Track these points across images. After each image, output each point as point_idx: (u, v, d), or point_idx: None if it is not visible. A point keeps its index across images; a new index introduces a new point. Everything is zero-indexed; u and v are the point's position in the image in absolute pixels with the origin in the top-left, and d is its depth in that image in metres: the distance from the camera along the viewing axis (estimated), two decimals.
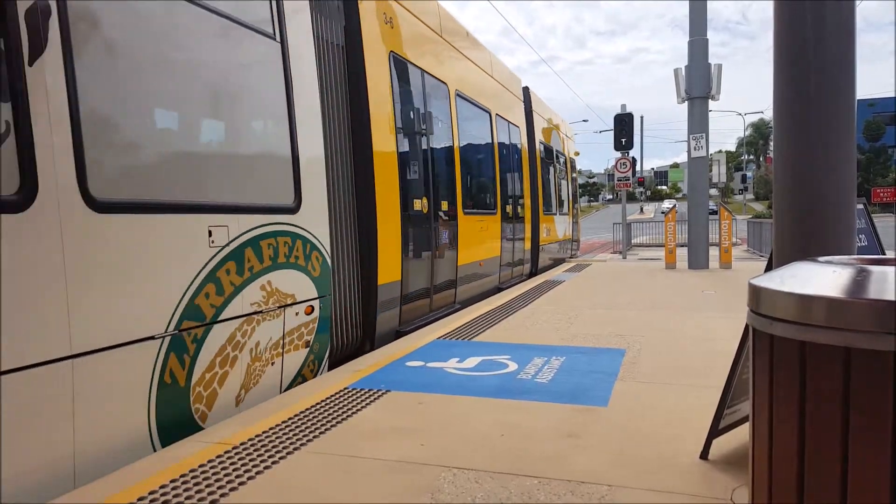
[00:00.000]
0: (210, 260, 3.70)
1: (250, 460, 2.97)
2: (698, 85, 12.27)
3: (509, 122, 10.96)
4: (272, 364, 4.30)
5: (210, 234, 3.71)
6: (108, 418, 3.03)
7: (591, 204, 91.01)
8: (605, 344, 5.49)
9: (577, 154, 18.57)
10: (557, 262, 14.86)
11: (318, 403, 3.86)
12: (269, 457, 3.02)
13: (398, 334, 6.26)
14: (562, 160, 15.84)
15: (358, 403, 3.86)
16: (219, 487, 2.68)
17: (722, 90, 12.36)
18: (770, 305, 1.67)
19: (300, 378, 4.65)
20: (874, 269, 1.60)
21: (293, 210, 4.55)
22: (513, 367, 4.70)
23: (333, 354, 5.26)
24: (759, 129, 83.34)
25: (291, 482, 2.75)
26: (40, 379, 2.68)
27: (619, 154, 16.58)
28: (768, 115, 74.01)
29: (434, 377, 4.46)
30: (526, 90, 12.69)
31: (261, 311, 4.15)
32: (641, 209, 68.83)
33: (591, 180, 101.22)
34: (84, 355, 2.88)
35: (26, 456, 2.64)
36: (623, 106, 16.44)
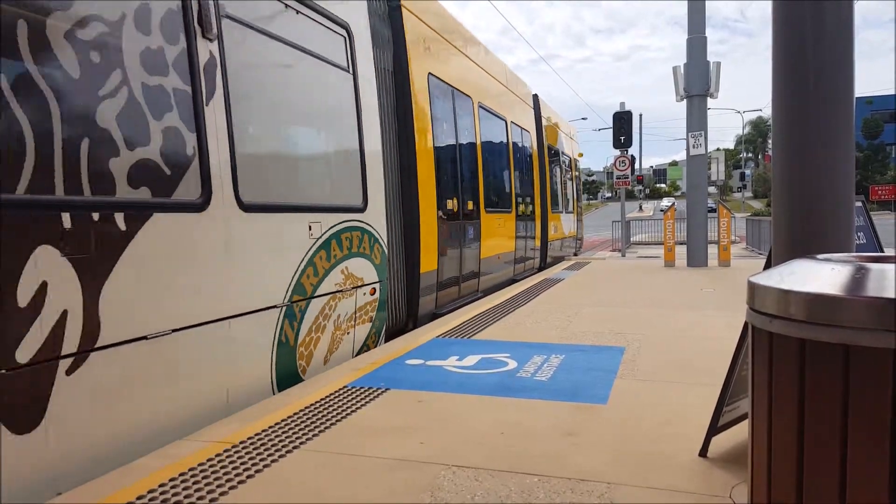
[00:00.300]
0: (310, 248, 4.74)
1: (249, 459, 2.98)
2: (697, 83, 12.27)
3: (522, 127, 11.88)
4: (348, 333, 5.31)
5: (310, 228, 4.75)
6: (248, 365, 4.02)
7: (590, 202, 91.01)
8: (604, 342, 5.49)
9: (580, 155, 19.41)
10: (563, 257, 15.71)
11: (317, 401, 3.87)
12: (269, 455, 3.02)
13: (434, 316, 7.23)
14: (567, 161, 16.71)
15: (358, 401, 3.86)
16: (218, 486, 2.68)
17: (721, 88, 12.36)
18: (769, 303, 1.67)
19: (365, 347, 5.61)
20: (873, 266, 1.60)
21: (362, 210, 5.57)
22: (512, 365, 4.70)
23: (388, 330, 6.22)
24: (758, 126, 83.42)
25: (291, 481, 2.75)
26: (209, 333, 3.66)
27: (618, 152, 16.59)
28: (767, 112, 74.17)
29: (434, 375, 4.46)
30: (535, 97, 13.61)
31: (341, 291, 5.18)
32: (640, 207, 68.88)
33: (591, 178, 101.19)
34: (238, 317, 3.90)
35: (208, 384, 3.68)
36: (622, 104, 16.45)
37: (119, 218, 3.07)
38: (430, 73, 7.35)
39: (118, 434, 3.07)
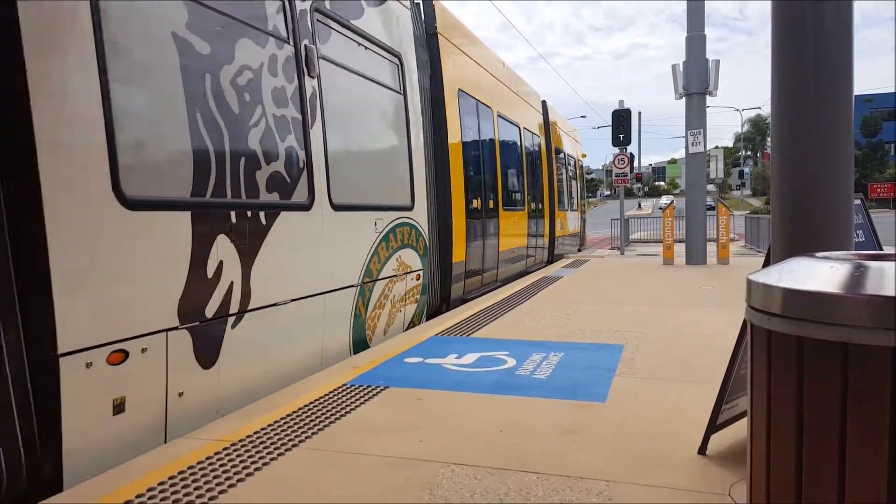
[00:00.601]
0: (375, 240, 5.87)
1: (248, 457, 2.97)
2: (696, 81, 12.27)
3: (532, 132, 12.99)
4: (400, 311, 6.51)
5: (375, 223, 5.88)
6: (334, 331, 5.14)
7: (589, 200, 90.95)
8: (603, 340, 5.49)
9: (583, 156, 20.60)
10: (569, 251, 16.99)
11: (316, 400, 3.87)
12: (268, 453, 3.02)
13: (463, 300, 8.31)
14: (572, 163, 17.80)
15: (356, 400, 3.86)
16: (217, 484, 2.68)
17: (719, 86, 12.36)
18: (768, 301, 1.67)
19: (412, 323, 6.80)
20: (872, 264, 1.60)
21: (410, 208, 6.71)
22: (511, 363, 4.71)
23: (427, 311, 7.37)
24: (757, 124, 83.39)
25: (289, 479, 2.75)
26: (313, 304, 4.77)
27: (616, 150, 16.57)
28: (766, 110, 74.17)
29: (432, 373, 4.46)
30: (544, 103, 14.66)
31: (396, 276, 6.33)
32: (639, 205, 68.88)
33: (589, 176, 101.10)
34: (330, 292, 5.02)
35: (312, 343, 4.81)
36: (621, 102, 16.43)
37: (262, 215, 4.14)
38: (459, 88, 8.43)
39: (258, 374, 4.14)
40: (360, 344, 5.51)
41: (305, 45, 4.77)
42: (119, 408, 3.08)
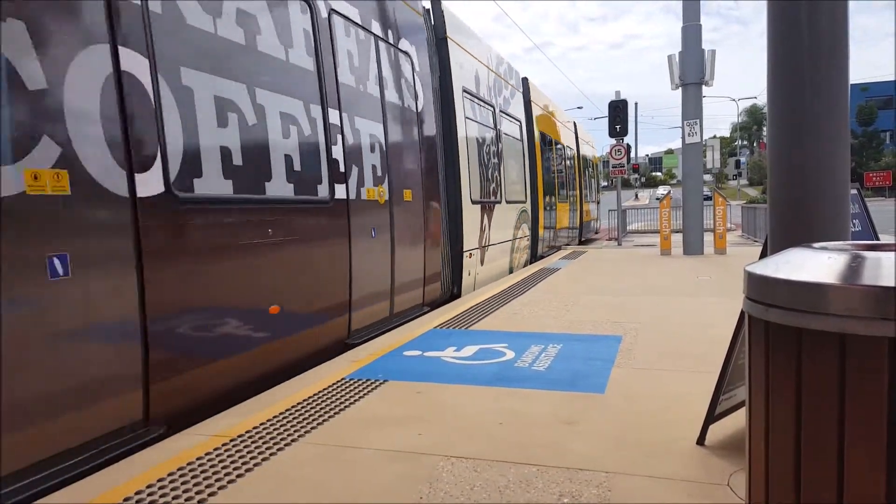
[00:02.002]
0: (516, 218, 11.17)
1: (248, 452, 2.98)
2: (692, 71, 12.24)
3: (566, 146, 17.40)
4: (524, 256, 11.93)
5: (518, 211, 11.27)
6: (505, 260, 10.45)
7: None
8: (601, 331, 5.50)
9: (597, 160, 26.00)
10: (593, 233, 22.68)
11: (315, 394, 3.87)
12: (267, 448, 3.02)
13: (540, 257, 13.29)
14: (591, 164, 22.98)
15: (356, 393, 3.87)
16: (217, 480, 2.69)
17: (716, 75, 12.33)
18: (765, 292, 1.67)
19: (527, 263, 12.12)
20: (869, 254, 1.60)
21: (524, 202, 11.84)
22: (510, 355, 4.71)
23: (529, 260, 12.49)
24: (753, 114, 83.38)
25: (289, 474, 2.75)
26: (503, 245, 10.36)
27: (613, 141, 16.56)
28: (762, 100, 74.06)
29: (431, 366, 4.47)
30: (575, 124, 19.83)
31: (522, 237, 11.62)
32: (636, 196, 68.87)
33: None
34: (506, 242, 10.48)
35: (504, 263, 10.55)
36: (617, 92, 16.40)
37: (490, 204, 9.26)
38: (542, 130, 14.01)
39: (492, 271, 9.33)
40: (511, 269, 10.98)
41: (525, 119, 10.66)
42: (488, 269, 9.20)
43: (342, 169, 5.22)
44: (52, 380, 2.76)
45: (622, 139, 16.39)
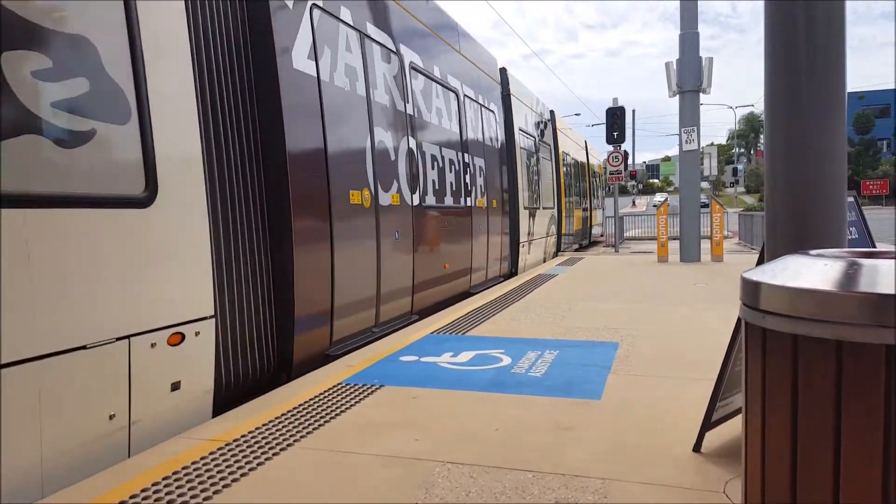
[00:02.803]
0: (549, 220, 14.44)
1: (243, 457, 2.97)
2: (689, 78, 12.30)
3: (580, 162, 20.64)
4: (552, 249, 15.04)
5: (550, 214, 14.58)
6: (541, 251, 13.73)
7: None
8: (598, 337, 5.50)
9: (602, 170, 27.68)
10: (600, 235, 25.28)
11: (311, 399, 3.86)
12: (262, 453, 3.01)
13: (561, 251, 16.16)
14: (597, 174, 25.15)
15: (352, 398, 3.86)
16: (212, 485, 2.67)
17: (713, 83, 12.39)
18: (762, 299, 1.67)
19: (553, 255, 15.18)
20: (865, 262, 1.60)
21: (553, 207, 15.07)
22: (507, 361, 4.71)
23: (554, 254, 15.34)
24: (750, 122, 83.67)
25: (284, 478, 2.74)
26: (543, 240, 13.86)
27: (610, 147, 16.59)
28: (759, 108, 74.29)
29: (428, 372, 4.46)
30: (586, 142, 22.89)
31: (551, 235, 14.84)
32: (633, 202, 68.95)
33: None
34: (536, 239, 13.05)
35: (543, 252, 14.14)
36: (615, 99, 16.45)
37: (531, 210, 12.36)
38: (564, 152, 17.34)
39: (533, 262, 12.70)
40: (544, 258, 13.83)
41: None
42: (532, 257, 12.82)
43: (469, 188, 8.85)
44: (392, 284, 6.18)
45: (619, 146, 16.43)
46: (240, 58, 4.29)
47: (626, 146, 18.10)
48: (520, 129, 11.89)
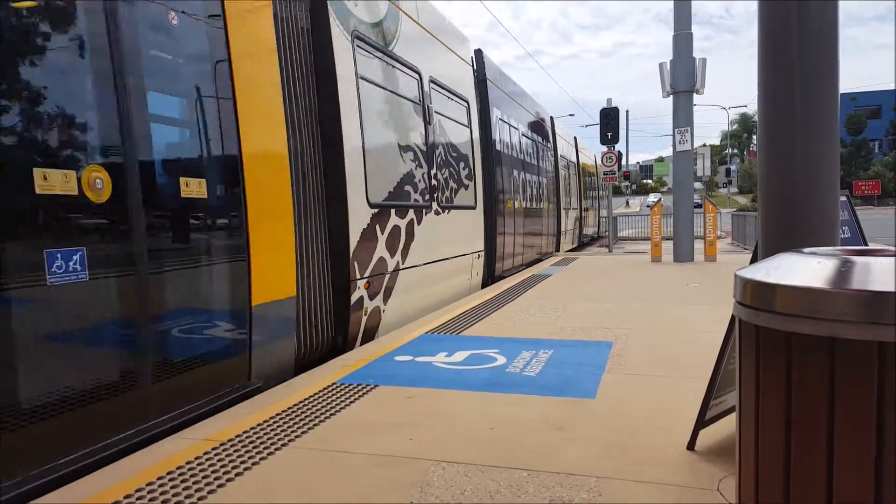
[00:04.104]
0: (575, 217, 20.76)
1: (238, 456, 2.96)
2: (683, 79, 12.33)
3: (591, 172, 25.22)
4: (576, 241, 21.00)
5: (575, 213, 20.81)
6: (570, 239, 19.60)
7: None
8: (592, 337, 5.51)
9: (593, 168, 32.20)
10: (604, 231, 27.59)
11: (306, 399, 3.85)
12: (257, 453, 3.00)
13: (581, 242, 22.54)
14: (597, 178, 27.87)
15: (346, 398, 3.85)
16: (206, 484, 2.67)
17: (706, 84, 12.42)
18: (755, 296, 1.68)
19: (576, 243, 21.27)
20: (858, 259, 1.61)
21: (577, 208, 21.23)
22: (501, 360, 4.71)
23: (577, 242, 21.40)
24: (744, 122, 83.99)
25: (278, 478, 2.74)
26: (571, 232, 19.92)
27: (604, 148, 16.64)
28: (752, 108, 74.58)
29: (423, 371, 4.46)
30: (595, 157, 25.45)
31: (576, 228, 20.98)
32: (627, 203, 69.12)
33: None
34: (573, 229, 20.28)
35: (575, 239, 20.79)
36: (609, 100, 16.50)
37: (566, 209, 18.45)
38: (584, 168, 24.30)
39: (567, 246, 18.73)
40: (572, 243, 19.77)
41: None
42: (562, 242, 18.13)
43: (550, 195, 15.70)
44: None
45: (613, 146, 16.47)
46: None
47: (620, 146, 18.49)
48: (560, 155, 17.85)
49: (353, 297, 5.58)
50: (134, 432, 3.16)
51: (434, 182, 7.73)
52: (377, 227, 6.05)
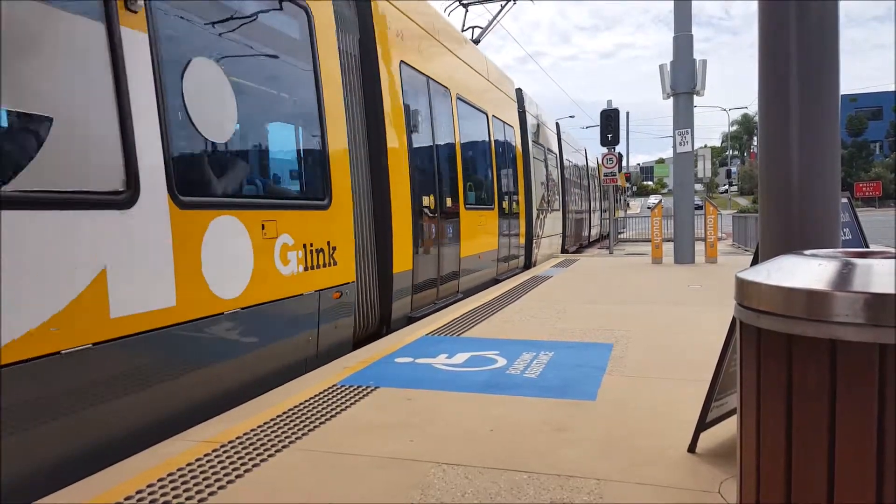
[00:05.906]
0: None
1: (238, 458, 2.96)
2: (683, 80, 12.33)
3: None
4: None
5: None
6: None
7: None
8: (592, 338, 5.51)
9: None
10: (608, 230, 28.56)
11: (306, 400, 3.85)
12: (258, 454, 3.00)
13: (595, 239, 25.88)
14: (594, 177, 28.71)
15: (346, 400, 3.85)
16: (207, 486, 2.66)
17: (706, 85, 12.42)
18: (756, 298, 1.68)
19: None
20: (859, 261, 1.61)
21: (592, 211, 24.38)
22: (502, 362, 4.71)
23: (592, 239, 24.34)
24: (744, 124, 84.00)
25: (278, 480, 2.73)
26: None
27: (605, 149, 16.64)
28: (752, 109, 74.62)
29: (423, 373, 4.46)
30: (598, 159, 25.30)
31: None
32: (627, 204, 69.06)
33: None
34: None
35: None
36: (609, 101, 16.51)
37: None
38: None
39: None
40: (596, 236, 25.11)
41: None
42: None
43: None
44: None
45: (614, 148, 16.47)
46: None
47: (621, 148, 18.55)
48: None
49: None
50: None
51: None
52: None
